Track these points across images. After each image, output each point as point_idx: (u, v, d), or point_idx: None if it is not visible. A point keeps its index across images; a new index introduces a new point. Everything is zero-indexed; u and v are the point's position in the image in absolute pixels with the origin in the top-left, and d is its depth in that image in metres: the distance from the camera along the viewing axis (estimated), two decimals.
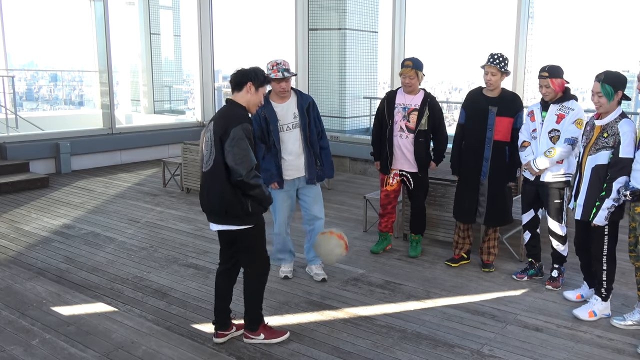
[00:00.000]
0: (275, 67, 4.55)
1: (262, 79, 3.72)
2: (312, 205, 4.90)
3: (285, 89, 4.63)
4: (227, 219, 3.69)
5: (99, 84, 11.08)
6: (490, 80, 4.90)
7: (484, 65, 4.91)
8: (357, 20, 10.55)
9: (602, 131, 4.08)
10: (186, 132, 11.49)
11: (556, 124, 4.57)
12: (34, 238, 6.15)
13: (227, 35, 32.69)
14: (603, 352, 3.78)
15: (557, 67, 4.56)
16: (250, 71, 3.71)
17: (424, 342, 3.90)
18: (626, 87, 4.12)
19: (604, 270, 4.20)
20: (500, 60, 4.86)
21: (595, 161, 4.08)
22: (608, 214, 4.00)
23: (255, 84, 3.67)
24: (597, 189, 4.07)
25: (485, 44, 27.59)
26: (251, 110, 3.76)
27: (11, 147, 9.08)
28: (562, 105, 4.56)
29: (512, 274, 5.05)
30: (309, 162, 4.77)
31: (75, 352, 3.74)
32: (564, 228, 4.77)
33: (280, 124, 4.68)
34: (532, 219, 4.91)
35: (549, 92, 4.56)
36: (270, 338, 3.87)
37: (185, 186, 8.41)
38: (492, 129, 4.93)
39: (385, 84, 11.22)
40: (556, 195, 4.70)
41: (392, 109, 5.34)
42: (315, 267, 5.05)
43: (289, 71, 4.58)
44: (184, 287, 4.85)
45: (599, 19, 78.36)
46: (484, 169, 5.00)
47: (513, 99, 5.04)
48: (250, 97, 3.69)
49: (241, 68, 3.75)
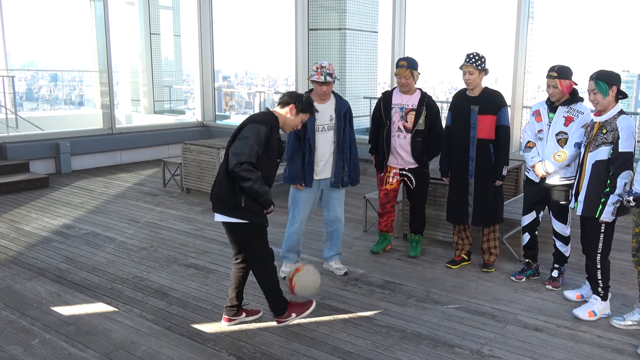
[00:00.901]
0: (319, 70, 4.72)
1: (306, 107, 3.90)
2: (337, 207, 5.04)
3: (326, 92, 4.79)
4: (224, 209, 3.81)
5: (99, 84, 11.09)
6: (469, 79, 4.92)
7: (462, 66, 4.92)
8: (357, 20, 10.56)
9: (601, 127, 4.10)
10: (186, 132, 11.50)
11: (564, 126, 4.55)
12: (34, 238, 6.15)
13: (227, 35, 32.75)
14: (603, 352, 3.78)
15: (567, 68, 4.53)
16: (299, 96, 3.93)
17: (424, 342, 3.90)
18: (621, 83, 4.14)
19: (599, 269, 4.21)
20: (477, 59, 4.88)
21: (595, 157, 4.10)
22: (614, 209, 4.01)
23: (298, 108, 3.87)
24: (597, 185, 4.08)
25: (486, 44, 27.53)
26: (285, 129, 3.96)
27: (11, 147, 9.08)
28: (570, 108, 4.55)
29: (511, 276, 5.05)
30: (337, 166, 4.92)
31: (75, 352, 3.74)
32: (568, 229, 4.77)
33: (317, 124, 4.81)
34: (533, 220, 4.90)
35: (556, 93, 4.54)
36: (302, 313, 4.07)
37: (185, 186, 8.40)
38: (475, 128, 4.95)
39: (385, 84, 11.22)
40: (562, 197, 4.69)
41: (389, 110, 5.35)
42: (335, 262, 5.17)
43: (332, 76, 4.75)
44: (184, 287, 4.85)
45: (600, 19, 78.56)
46: (470, 169, 5.02)
47: (494, 96, 5.03)
48: (289, 117, 3.89)
49: (293, 91, 3.99)
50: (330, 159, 4.90)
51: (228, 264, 5.38)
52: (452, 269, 5.29)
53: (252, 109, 17.92)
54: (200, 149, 8.12)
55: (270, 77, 33.99)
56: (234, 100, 19.28)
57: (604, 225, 4.11)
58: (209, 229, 6.53)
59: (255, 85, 31.40)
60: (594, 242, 4.19)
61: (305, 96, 3.97)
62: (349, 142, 4.98)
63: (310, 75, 4.78)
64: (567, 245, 4.82)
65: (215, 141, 8.69)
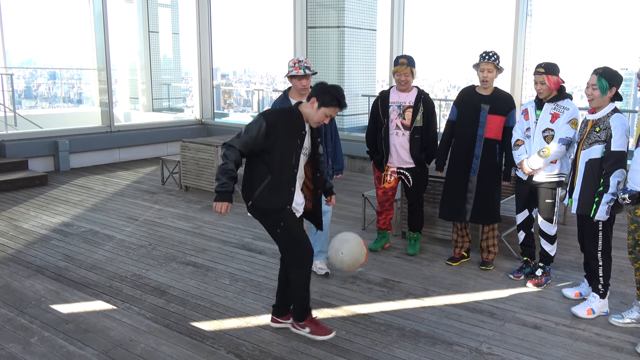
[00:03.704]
0: (297, 65, 4.71)
1: (327, 100, 3.65)
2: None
3: (305, 87, 4.76)
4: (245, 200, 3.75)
5: (98, 81, 11.09)
6: (487, 77, 4.91)
7: (479, 63, 4.91)
8: (355, 18, 10.55)
9: (594, 125, 4.10)
10: (185, 130, 11.50)
11: (550, 123, 4.55)
12: (32, 236, 6.15)
13: (226, 33, 32.71)
14: (601, 349, 3.78)
15: (554, 65, 4.55)
16: (324, 88, 3.69)
17: (422, 340, 3.90)
18: (620, 86, 4.14)
19: (600, 266, 4.21)
20: (495, 57, 4.89)
21: (589, 155, 4.10)
22: (608, 208, 4.01)
23: (319, 101, 3.65)
24: (592, 183, 4.09)
25: (484, 42, 27.57)
26: (310, 124, 3.76)
27: (10, 145, 9.07)
28: (557, 104, 4.55)
29: (509, 274, 5.05)
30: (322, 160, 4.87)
31: (74, 350, 3.74)
32: (554, 228, 4.77)
33: None
34: (526, 219, 4.91)
35: (544, 89, 4.54)
36: (315, 334, 3.88)
37: (183, 184, 8.40)
38: (483, 127, 4.95)
39: (384, 82, 11.23)
40: (548, 195, 4.69)
41: (386, 108, 5.35)
42: (319, 262, 5.07)
43: (310, 69, 4.74)
44: (182, 284, 4.85)
45: (598, 16, 78.13)
46: (473, 167, 5.02)
47: (506, 98, 5.05)
48: (311, 111, 3.68)
49: (322, 82, 3.77)
50: None
51: (227, 262, 5.39)
52: (451, 266, 5.30)
53: (250, 107, 17.91)
54: (199, 147, 8.11)
55: (268, 75, 34.01)
56: (233, 98, 19.28)
57: (601, 223, 4.12)
58: (208, 226, 6.53)
59: (254, 83, 31.42)
60: (593, 240, 4.19)
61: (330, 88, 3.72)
62: (331, 134, 4.98)
63: (288, 71, 4.74)
64: (552, 244, 4.81)
65: (214, 139, 8.68)
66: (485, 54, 4.89)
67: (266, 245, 5.81)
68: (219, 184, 3.58)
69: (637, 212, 3.83)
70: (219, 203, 3.58)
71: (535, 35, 9.74)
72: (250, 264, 5.34)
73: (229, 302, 4.50)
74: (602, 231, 4.15)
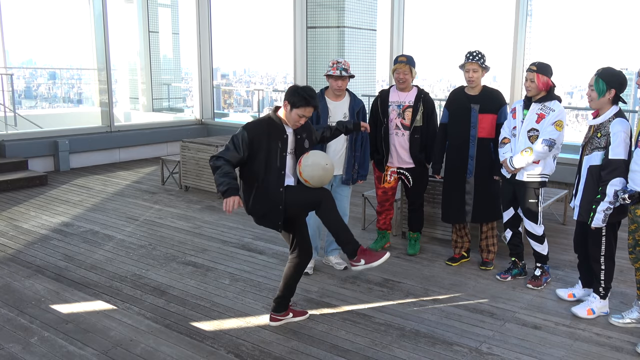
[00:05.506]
0: (335, 65, 4.79)
1: (296, 101, 3.69)
2: (344, 202, 5.10)
3: (341, 87, 4.85)
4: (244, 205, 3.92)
5: (98, 81, 11.08)
6: (472, 77, 4.91)
7: (464, 64, 4.92)
8: (355, 18, 10.55)
9: (595, 131, 4.07)
10: (185, 130, 11.50)
11: (536, 123, 4.53)
12: (32, 236, 6.15)
13: (226, 33, 32.68)
14: (601, 349, 3.78)
15: (547, 65, 4.54)
16: (291, 91, 3.76)
17: (422, 340, 3.90)
18: (624, 88, 4.03)
19: (602, 270, 4.19)
20: (480, 56, 4.89)
21: (590, 162, 4.06)
22: (604, 216, 3.97)
23: (290, 103, 3.73)
24: (592, 190, 4.05)
25: (484, 42, 27.53)
26: (290, 125, 3.83)
27: (10, 145, 9.07)
28: (543, 105, 4.53)
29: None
30: (349, 164, 5.00)
31: (73, 350, 3.74)
32: (540, 228, 4.75)
33: (330, 121, 4.85)
34: (512, 217, 4.90)
35: (532, 87, 4.53)
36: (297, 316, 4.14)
37: (183, 184, 8.40)
38: (475, 127, 4.95)
39: (384, 82, 11.22)
40: (531, 195, 4.67)
41: (386, 107, 5.35)
42: (334, 257, 5.17)
43: (348, 71, 4.81)
44: (182, 284, 4.85)
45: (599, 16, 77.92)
46: (469, 167, 5.02)
47: (495, 95, 5.04)
48: (286, 114, 3.80)
49: (293, 85, 3.86)
50: (343, 156, 4.98)
51: (226, 262, 5.39)
52: (451, 266, 5.30)
53: (250, 107, 17.89)
54: (199, 147, 8.11)
55: (268, 75, 33.92)
56: (233, 98, 19.27)
57: (604, 228, 4.10)
58: (208, 226, 6.53)
59: (254, 83, 31.36)
60: (596, 245, 4.16)
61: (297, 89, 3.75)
62: (361, 140, 5.05)
63: (326, 70, 4.83)
64: (542, 244, 4.79)
65: (214, 139, 8.69)
66: (469, 54, 4.90)
67: (266, 245, 5.82)
68: (222, 185, 3.61)
69: (637, 212, 3.82)
70: (229, 199, 3.58)
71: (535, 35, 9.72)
72: (250, 264, 5.34)
73: (229, 302, 4.51)
74: (605, 236, 4.12)
